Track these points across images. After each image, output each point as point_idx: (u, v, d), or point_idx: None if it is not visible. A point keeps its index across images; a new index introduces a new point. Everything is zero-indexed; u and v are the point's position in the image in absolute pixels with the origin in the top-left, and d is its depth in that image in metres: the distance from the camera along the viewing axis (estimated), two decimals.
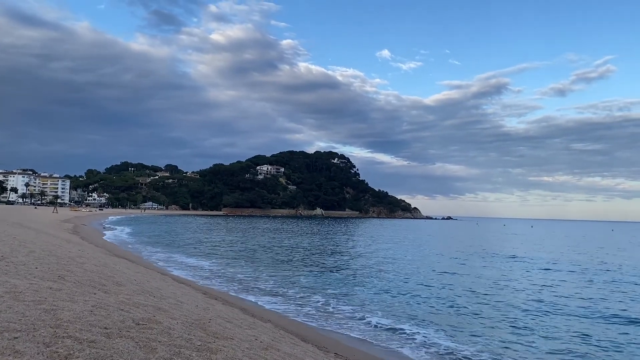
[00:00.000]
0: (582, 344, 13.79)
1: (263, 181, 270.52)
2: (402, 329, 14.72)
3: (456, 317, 16.87)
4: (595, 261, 40.82)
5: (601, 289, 24.65)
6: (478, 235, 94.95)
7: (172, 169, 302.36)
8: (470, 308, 18.46)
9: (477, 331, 14.90)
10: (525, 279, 27.87)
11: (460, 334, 14.43)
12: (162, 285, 15.50)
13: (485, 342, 13.62)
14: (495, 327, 15.59)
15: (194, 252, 37.48)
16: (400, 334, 14.19)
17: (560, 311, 18.39)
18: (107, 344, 5.59)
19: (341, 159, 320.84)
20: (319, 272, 27.80)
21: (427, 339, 13.72)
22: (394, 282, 24.72)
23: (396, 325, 15.26)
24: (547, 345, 13.51)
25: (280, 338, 10.71)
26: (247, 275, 25.28)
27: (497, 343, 13.60)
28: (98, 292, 9.74)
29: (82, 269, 13.27)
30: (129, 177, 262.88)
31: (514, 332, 14.90)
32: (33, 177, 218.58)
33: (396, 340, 13.51)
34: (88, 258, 17.84)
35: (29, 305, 6.79)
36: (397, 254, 42.69)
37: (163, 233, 64.54)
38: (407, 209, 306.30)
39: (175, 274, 23.39)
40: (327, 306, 17.82)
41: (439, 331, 14.66)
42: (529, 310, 18.27)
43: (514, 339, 14.02)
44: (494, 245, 62.01)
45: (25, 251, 14.77)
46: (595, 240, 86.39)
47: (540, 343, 13.76)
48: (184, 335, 7.21)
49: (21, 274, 9.94)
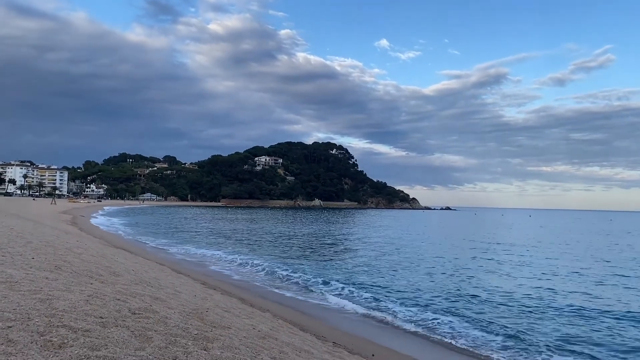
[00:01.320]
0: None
1: (261, 172, 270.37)
2: (389, 309, 14.97)
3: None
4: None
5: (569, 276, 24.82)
6: (471, 225, 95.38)
7: (170, 160, 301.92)
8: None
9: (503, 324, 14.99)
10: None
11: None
12: (160, 275, 15.48)
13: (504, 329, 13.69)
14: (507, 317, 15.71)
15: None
16: (391, 325, 14.25)
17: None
18: (102, 333, 5.55)
19: (339, 149, 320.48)
20: (321, 261, 27.89)
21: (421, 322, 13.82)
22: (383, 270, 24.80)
23: (386, 307, 15.53)
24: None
25: (279, 327, 10.70)
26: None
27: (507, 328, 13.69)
28: (95, 282, 9.70)
29: (79, 260, 13.22)
30: (127, 168, 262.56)
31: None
32: (31, 168, 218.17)
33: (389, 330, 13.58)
34: (86, 249, 17.80)
35: (25, 295, 6.75)
36: (395, 246, 42.80)
37: (175, 225, 64.50)
38: (405, 199, 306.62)
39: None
40: (327, 294, 17.89)
41: (448, 315, 14.76)
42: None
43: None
44: (483, 234, 62.31)
45: (22, 242, 14.71)
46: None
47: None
48: (181, 324, 7.17)
49: (18, 264, 9.89)
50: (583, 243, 50.22)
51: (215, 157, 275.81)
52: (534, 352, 11.85)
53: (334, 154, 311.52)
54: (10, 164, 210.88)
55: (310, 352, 8.64)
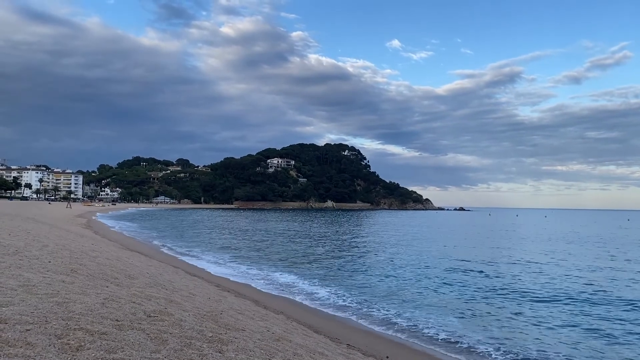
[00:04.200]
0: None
1: (274, 174, 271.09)
2: (408, 318, 14.70)
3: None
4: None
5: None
6: (484, 226, 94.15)
7: (183, 163, 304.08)
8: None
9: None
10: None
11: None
12: (175, 277, 15.58)
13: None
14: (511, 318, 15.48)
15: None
16: (412, 328, 14.14)
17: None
18: (118, 336, 5.60)
19: (352, 151, 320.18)
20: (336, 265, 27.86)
21: (438, 329, 13.68)
22: (404, 277, 24.65)
23: (404, 315, 15.28)
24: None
25: (293, 329, 10.71)
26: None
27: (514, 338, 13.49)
28: (110, 285, 9.80)
29: (94, 263, 13.37)
30: (141, 171, 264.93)
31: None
32: (46, 172, 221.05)
33: (407, 332, 13.49)
34: (101, 252, 17.99)
35: (42, 298, 6.83)
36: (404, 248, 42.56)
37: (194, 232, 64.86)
38: (418, 200, 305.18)
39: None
40: (343, 299, 17.84)
41: (451, 320, 14.61)
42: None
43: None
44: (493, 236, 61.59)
45: (39, 245, 14.91)
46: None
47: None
48: (196, 327, 7.21)
49: (34, 267, 10.02)
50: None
51: (227, 159, 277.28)
52: None
53: (346, 155, 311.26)
54: (26, 169, 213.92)
55: (324, 354, 8.63)
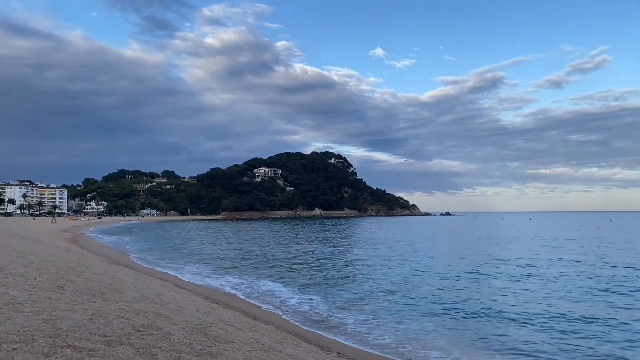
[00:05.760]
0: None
1: (261, 184, 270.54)
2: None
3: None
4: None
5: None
6: (469, 230, 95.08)
7: (169, 174, 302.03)
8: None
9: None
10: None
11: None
12: (163, 291, 15.48)
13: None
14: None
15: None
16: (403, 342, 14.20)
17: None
18: (106, 352, 5.58)
19: (338, 158, 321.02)
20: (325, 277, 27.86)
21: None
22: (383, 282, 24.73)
23: (394, 325, 15.36)
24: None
25: (282, 340, 10.70)
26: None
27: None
28: (97, 300, 9.72)
29: (81, 278, 13.24)
30: (126, 184, 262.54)
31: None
32: (30, 187, 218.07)
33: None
34: (87, 267, 17.81)
35: (28, 316, 6.78)
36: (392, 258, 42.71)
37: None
38: (405, 206, 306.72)
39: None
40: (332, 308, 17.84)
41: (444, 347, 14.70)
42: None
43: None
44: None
45: (24, 262, 14.73)
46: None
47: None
48: (185, 340, 7.20)
49: (20, 285, 9.91)
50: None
51: (214, 170, 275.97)
52: None
53: (333, 163, 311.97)
54: (9, 184, 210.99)
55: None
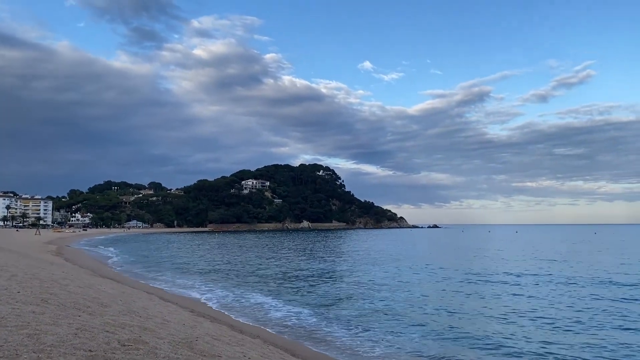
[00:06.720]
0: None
1: (248, 196, 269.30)
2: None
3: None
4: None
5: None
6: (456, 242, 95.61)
7: (155, 186, 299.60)
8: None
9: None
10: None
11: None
12: (149, 304, 15.33)
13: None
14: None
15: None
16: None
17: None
18: None
19: (326, 171, 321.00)
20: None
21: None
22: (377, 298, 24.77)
23: (383, 336, 15.37)
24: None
25: (269, 354, 10.65)
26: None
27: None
28: (82, 314, 9.61)
29: (66, 291, 13.08)
30: (112, 196, 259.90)
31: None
32: (14, 199, 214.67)
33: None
34: (72, 280, 17.59)
35: (12, 331, 6.69)
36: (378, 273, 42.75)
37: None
38: (393, 218, 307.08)
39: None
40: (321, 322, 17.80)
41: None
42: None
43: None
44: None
45: (6, 275, 14.51)
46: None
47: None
48: (171, 354, 7.15)
49: (3, 299, 9.77)
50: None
51: (201, 182, 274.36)
52: None
53: (321, 176, 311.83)
54: None
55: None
